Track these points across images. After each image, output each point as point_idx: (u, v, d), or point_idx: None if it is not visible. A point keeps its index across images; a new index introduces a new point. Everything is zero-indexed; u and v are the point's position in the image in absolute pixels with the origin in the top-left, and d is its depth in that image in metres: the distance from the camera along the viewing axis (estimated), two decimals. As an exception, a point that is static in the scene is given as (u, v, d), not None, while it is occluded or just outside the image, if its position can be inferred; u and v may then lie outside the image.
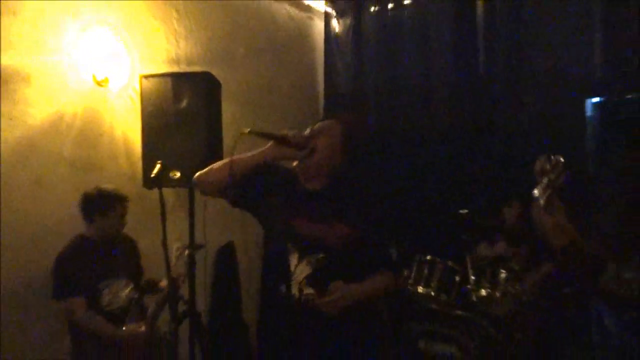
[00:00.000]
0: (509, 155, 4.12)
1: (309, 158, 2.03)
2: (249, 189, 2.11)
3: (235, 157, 2.07)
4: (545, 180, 1.81)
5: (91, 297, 2.82)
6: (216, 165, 2.15)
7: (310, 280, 2.02)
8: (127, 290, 2.94)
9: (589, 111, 3.90)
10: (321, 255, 2.01)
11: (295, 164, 2.10)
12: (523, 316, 3.37)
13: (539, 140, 4.02)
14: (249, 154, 2.12)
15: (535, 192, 1.87)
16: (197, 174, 2.20)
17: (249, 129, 2.02)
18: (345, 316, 1.99)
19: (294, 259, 2.06)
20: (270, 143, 2.10)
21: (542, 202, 1.81)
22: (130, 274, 3.00)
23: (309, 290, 2.01)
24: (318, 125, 2.13)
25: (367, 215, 2.08)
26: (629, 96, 3.61)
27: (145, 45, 3.61)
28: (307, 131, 2.12)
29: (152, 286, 2.99)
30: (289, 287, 2.02)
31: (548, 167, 1.82)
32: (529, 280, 3.48)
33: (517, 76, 4.08)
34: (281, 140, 2.06)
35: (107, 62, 3.35)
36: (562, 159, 1.82)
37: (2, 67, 2.88)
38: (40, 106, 3.07)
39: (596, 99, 3.81)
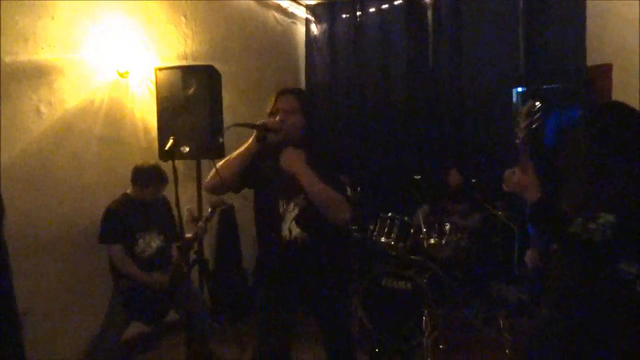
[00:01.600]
0: (452, 133, 4.20)
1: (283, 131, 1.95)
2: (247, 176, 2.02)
3: (225, 160, 1.98)
4: (526, 121, 1.73)
5: (129, 244, 2.86)
6: (218, 165, 1.98)
7: (299, 220, 1.97)
8: (158, 242, 2.98)
9: (514, 98, 3.99)
10: (303, 195, 1.95)
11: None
12: (462, 258, 3.50)
13: (475, 122, 4.11)
14: (236, 152, 1.99)
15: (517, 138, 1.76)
16: (206, 183, 2.07)
17: (232, 124, 1.99)
18: (327, 258, 2.01)
19: (282, 204, 2.01)
20: (253, 135, 1.97)
21: (520, 136, 1.74)
22: (162, 228, 3.00)
23: (297, 230, 1.97)
24: (277, 102, 2.03)
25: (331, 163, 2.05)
26: (544, 86, 3.70)
27: (160, 44, 3.60)
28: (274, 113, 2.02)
29: (181, 236, 2.92)
30: (280, 229, 1.98)
31: (532, 110, 1.72)
32: (466, 231, 3.61)
33: (459, 69, 4.14)
34: (261, 128, 1.94)
35: (128, 57, 3.35)
36: (540, 105, 1.72)
37: (42, 61, 2.88)
38: (73, 94, 3.06)
39: (520, 89, 3.90)
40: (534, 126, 1.76)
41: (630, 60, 2.13)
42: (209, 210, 3.02)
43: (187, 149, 3.12)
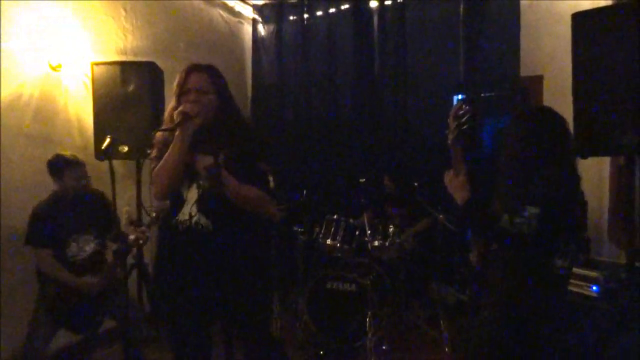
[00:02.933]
0: (395, 137, 4.27)
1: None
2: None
3: (166, 159, 1.79)
4: (455, 123, 1.81)
5: (60, 247, 2.65)
6: (159, 172, 1.81)
7: (200, 204, 1.81)
8: (92, 245, 2.79)
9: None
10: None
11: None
12: (405, 260, 3.56)
13: (418, 127, 4.20)
14: (170, 156, 1.79)
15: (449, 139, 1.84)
16: (155, 193, 1.86)
17: (154, 130, 1.88)
18: (234, 248, 1.81)
19: (184, 188, 1.86)
20: (177, 132, 1.78)
21: (450, 137, 1.82)
22: (98, 229, 2.79)
23: (197, 215, 1.80)
24: (187, 82, 1.89)
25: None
26: (482, 94, 3.85)
27: (97, 37, 3.40)
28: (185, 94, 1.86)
29: (121, 239, 2.76)
30: (182, 213, 1.83)
31: (460, 113, 1.80)
32: (409, 233, 3.69)
33: (402, 76, 4.21)
34: (181, 124, 1.76)
35: (61, 50, 3.13)
36: (468, 107, 1.79)
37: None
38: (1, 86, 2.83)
39: (460, 96, 4.03)
40: (463, 127, 1.83)
41: (561, 73, 2.26)
42: (153, 215, 2.88)
43: (126, 149, 2.97)
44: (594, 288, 2.43)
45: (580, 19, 2.12)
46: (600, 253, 3.35)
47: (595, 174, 3.50)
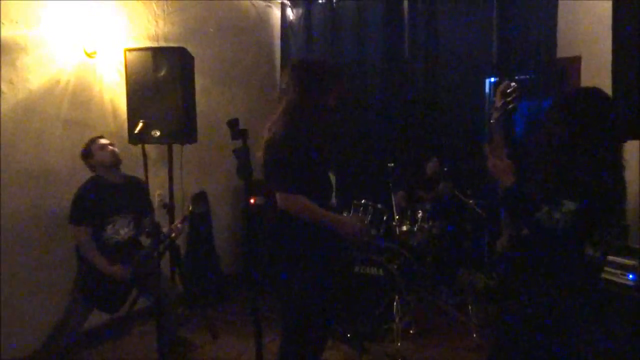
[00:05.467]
0: (426, 121, 4.21)
1: None
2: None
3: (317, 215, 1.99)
4: (502, 100, 1.75)
5: (98, 229, 2.76)
6: (305, 209, 1.99)
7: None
8: (127, 229, 2.89)
9: (487, 88, 4.03)
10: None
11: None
12: (433, 245, 3.54)
13: (448, 111, 4.13)
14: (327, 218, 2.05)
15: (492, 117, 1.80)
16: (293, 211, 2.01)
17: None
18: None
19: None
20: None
21: (494, 115, 1.77)
22: (134, 214, 2.89)
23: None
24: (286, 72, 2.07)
25: None
26: (516, 77, 3.74)
27: (130, 24, 3.47)
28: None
29: (154, 230, 2.80)
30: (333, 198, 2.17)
31: (508, 90, 1.74)
32: (438, 221, 3.65)
33: (434, 59, 4.13)
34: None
35: (96, 37, 3.21)
36: (516, 85, 1.74)
37: (3, 38, 2.73)
38: (37, 73, 2.92)
39: (493, 79, 3.94)
40: (510, 107, 1.77)
41: (599, 54, 2.17)
42: (189, 208, 2.94)
43: (158, 133, 3.02)
44: (631, 276, 2.37)
45: (622, -2, 2.03)
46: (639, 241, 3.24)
47: (635, 157, 3.36)
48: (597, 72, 3.30)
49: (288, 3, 4.89)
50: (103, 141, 2.84)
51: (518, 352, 1.84)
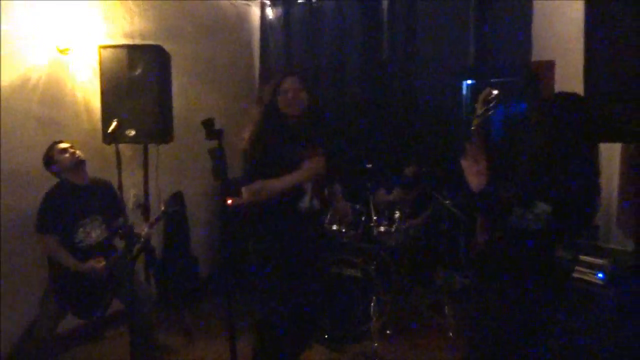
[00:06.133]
0: (405, 123, 4.23)
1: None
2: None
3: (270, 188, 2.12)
4: (484, 108, 1.77)
5: (67, 233, 2.69)
6: (256, 190, 2.14)
7: (314, 192, 2.21)
8: (99, 231, 2.82)
9: (464, 91, 4.08)
10: None
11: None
12: (410, 246, 3.56)
13: (426, 113, 4.16)
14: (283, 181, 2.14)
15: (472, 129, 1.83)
16: (245, 198, 2.19)
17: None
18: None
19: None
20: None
21: (476, 122, 1.79)
22: (105, 216, 2.84)
23: (314, 202, 2.21)
24: (285, 83, 2.17)
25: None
26: (493, 80, 3.79)
27: (104, 21, 3.40)
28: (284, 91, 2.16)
29: (127, 232, 2.76)
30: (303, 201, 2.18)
31: (489, 98, 1.76)
32: (415, 220, 3.67)
33: (411, 59, 4.15)
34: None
35: (69, 33, 3.13)
36: (497, 92, 1.77)
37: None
38: (8, 70, 2.84)
39: (470, 81, 3.98)
40: (490, 113, 1.79)
41: (573, 58, 2.21)
42: (162, 209, 2.90)
43: (134, 133, 2.97)
44: (600, 275, 2.42)
45: (594, 3, 2.08)
46: (608, 240, 3.32)
47: (605, 160, 3.44)
48: (572, 75, 3.38)
49: (267, 2, 4.86)
50: (63, 145, 2.77)
51: (493, 351, 1.86)
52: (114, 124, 2.71)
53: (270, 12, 4.86)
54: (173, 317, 3.48)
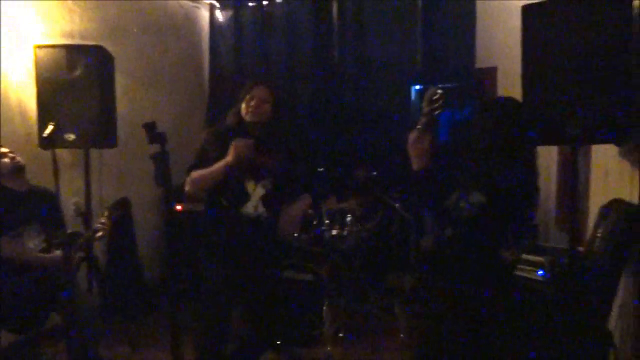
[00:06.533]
0: (355, 127, 4.27)
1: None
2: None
3: (210, 171, 2.11)
4: (429, 107, 1.80)
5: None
6: (197, 178, 2.15)
7: (264, 200, 2.17)
8: (37, 241, 2.66)
9: (413, 96, 4.17)
10: (270, 178, 2.17)
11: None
12: (361, 249, 3.59)
13: (376, 117, 4.22)
14: (216, 167, 2.11)
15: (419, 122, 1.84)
16: (187, 189, 2.18)
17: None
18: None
19: (251, 186, 2.17)
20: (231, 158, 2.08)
21: (422, 121, 1.81)
22: (45, 225, 2.69)
23: (262, 209, 2.16)
24: (253, 91, 2.17)
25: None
26: (440, 85, 3.89)
27: (41, 19, 3.22)
28: (248, 100, 2.16)
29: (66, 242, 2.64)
30: (246, 207, 2.15)
31: (434, 98, 1.78)
32: (367, 224, 3.71)
33: (361, 63, 4.22)
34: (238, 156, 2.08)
35: (0, 32, 2.95)
36: (442, 92, 1.80)
37: None
38: None
39: (418, 86, 4.08)
40: (436, 112, 1.83)
41: (514, 64, 2.32)
42: (105, 214, 2.77)
43: (73, 137, 2.83)
44: (540, 272, 2.53)
45: (530, 11, 2.16)
46: (548, 238, 3.49)
47: (543, 161, 3.61)
48: (514, 81, 3.54)
49: (217, 4, 4.79)
50: (2, 149, 2.62)
51: (441, 350, 1.89)
52: (50, 127, 2.57)
53: (219, 15, 4.80)
54: (118, 327, 3.33)
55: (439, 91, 1.81)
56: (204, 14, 4.86)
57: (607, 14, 1.96)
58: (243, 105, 2.18)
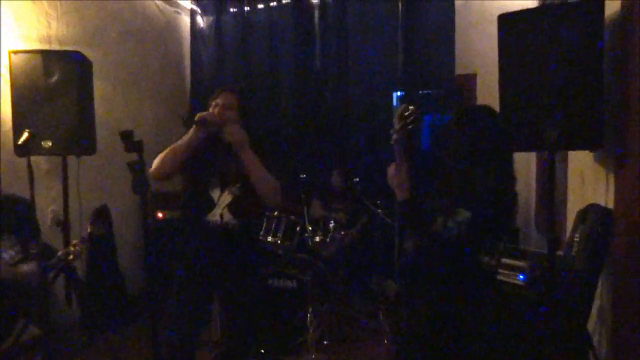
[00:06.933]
0: (337, 133, 4.28)
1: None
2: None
3: (174, 145, 2.08)
4: (401, 123, 1.82)
5: None
6: (162, 155, 2.08)
7: (231, 207, 2.12)
8: (12, 252, 2.58)
9: (394, 102, 4.20)
10: (238, 185, 2.12)
11: None
12: (345, 255, 3.59)
13: (358, 123, 4.24)
14: (180, 143, 2.09)
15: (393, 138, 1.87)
16: (151, 170, 2.07)
17: (183, 120, 1.99)
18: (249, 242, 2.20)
19: (216, 192, 2.15)
20: (193, 127, 2.09)
21: (394, 137, 1.84)
22: (19, 235, 2.59)
23: (229, 216, 2.12)
24: (218, 98, 2.18)
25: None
26: (419, 92, 3.95)
27: (16, 23, 3.15)
28: (213, 106, 2.16)
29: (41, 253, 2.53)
30: (212, 214, 2.13)
31: (405, 114, 1.82)
32: (350, 230, 3.71)
33: (343, 70, 4.24)
34: (199, 122, 2.07)
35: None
36: (413, 108, 1.83)
37: None
38: None
39: (399, 93, 4.11)
40: (409, 127, 1.85)
41: (493, 71, 2.36)
42: (88, 230, 2.71)
43: (50, 144, 2.79)
44: (521, 277, 2.55)
45: (506, 20, 2.21)
46: (529, 243, 3.53)
47: (523, 165, 3.68)
48: (492, 87, 3.60)
49: (198, 10, 4.78)
50: None
51: (426, 357, 1.90)
52: (26, 134, 2.52)
53: (200, 21, 4.78)
54: (99, 339, 3.25)
55: (411, 107, 1.85)
56: (185, 20, 4.84)
57: (580, 23, 2.02)
58: (209, 111, 2.18)
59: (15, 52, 2.82)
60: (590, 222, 2.25)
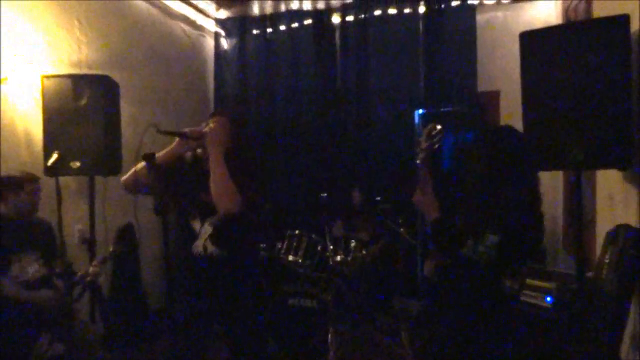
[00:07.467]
0: (358, 152, 4.28)
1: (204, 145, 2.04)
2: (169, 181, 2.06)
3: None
4: (427, 143, 1.83)
5: (2, 266, 2.48)
6: (137, 167, 2.05)
7: (212, 238, 2.06)
8: (35, 265, 2.64)
9: (416, 120, 4.18)
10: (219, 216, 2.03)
11: (199, 151, 2.13)
12: (367, 274, 3.55)
13: (380, 141, 4.23)
14: (162, 152, 2.08)
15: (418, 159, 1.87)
16: (123, 178, 2.10)
17: (157, 129, 1.95)
18: (239, 273, 2.10)
19: (197, 223, 2.11)
20: (175, 140, 2.09)
21: (420, 156, 1.84)
22: (42, 253, 2.65)
23: (212, 247, 2.06)
24: (211, 120, 2.14)
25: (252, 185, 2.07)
26: (441, 109, 3.91)
27: (49, 50, 3.28)
28: (203, 125, 2.11)
29: (67, 272, 2.61)
30: (195, 246, 2.09)
31: (433, 133, 1.83)
32: (371, 248, 3.68)
33: (364, 90, 4.25)
34: (182, 136, 2.05)
35: (8, 62, 3.00)
36: (440, 127, 1.84)
37: None
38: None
39: (421, 111, 4.09)
40: (435, 147, 1.84)
41: (516, 88, 2.33)
42: (110, 249, 2.77)
43: (78, 164, 2.87)
44: (548, 299, 2.47)
45: (529, 38, 2.18)
46: (556, 263, 3.42)
47: (550, 185, 3.59)
48: (516, 105, 3.55)
49: (222, 33, 4.88)
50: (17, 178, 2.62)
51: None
52: (55, 156, 2.60)
53: (224, 43, 4.88)
54: (121, 356, 3.28)
55: (438, 126, 1.84)
56: (210, 42, 4.95)
57: (605, 39, 1.97)
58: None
59: (47, 77, 2.93)
60: (620, 243, 2.17)
